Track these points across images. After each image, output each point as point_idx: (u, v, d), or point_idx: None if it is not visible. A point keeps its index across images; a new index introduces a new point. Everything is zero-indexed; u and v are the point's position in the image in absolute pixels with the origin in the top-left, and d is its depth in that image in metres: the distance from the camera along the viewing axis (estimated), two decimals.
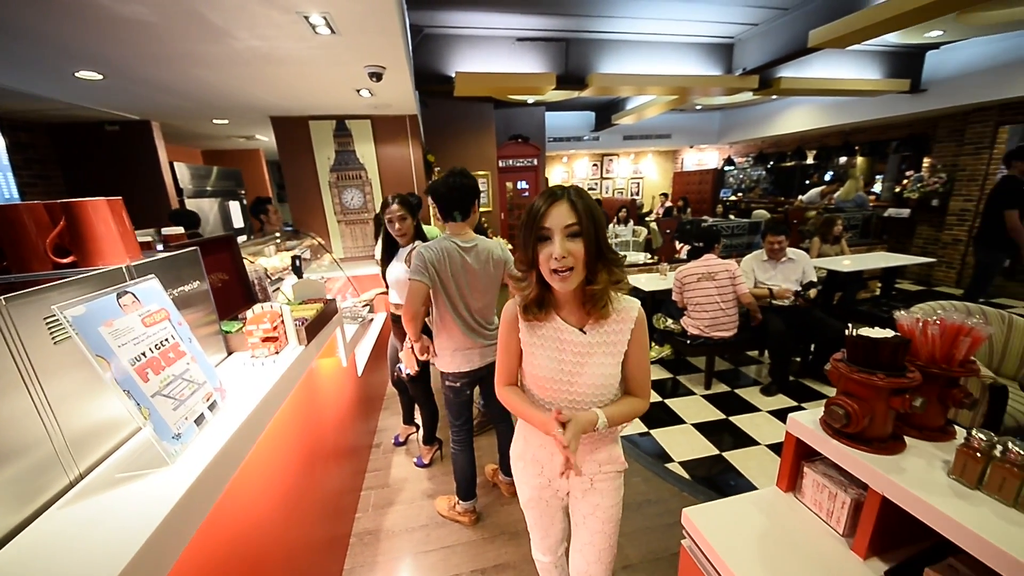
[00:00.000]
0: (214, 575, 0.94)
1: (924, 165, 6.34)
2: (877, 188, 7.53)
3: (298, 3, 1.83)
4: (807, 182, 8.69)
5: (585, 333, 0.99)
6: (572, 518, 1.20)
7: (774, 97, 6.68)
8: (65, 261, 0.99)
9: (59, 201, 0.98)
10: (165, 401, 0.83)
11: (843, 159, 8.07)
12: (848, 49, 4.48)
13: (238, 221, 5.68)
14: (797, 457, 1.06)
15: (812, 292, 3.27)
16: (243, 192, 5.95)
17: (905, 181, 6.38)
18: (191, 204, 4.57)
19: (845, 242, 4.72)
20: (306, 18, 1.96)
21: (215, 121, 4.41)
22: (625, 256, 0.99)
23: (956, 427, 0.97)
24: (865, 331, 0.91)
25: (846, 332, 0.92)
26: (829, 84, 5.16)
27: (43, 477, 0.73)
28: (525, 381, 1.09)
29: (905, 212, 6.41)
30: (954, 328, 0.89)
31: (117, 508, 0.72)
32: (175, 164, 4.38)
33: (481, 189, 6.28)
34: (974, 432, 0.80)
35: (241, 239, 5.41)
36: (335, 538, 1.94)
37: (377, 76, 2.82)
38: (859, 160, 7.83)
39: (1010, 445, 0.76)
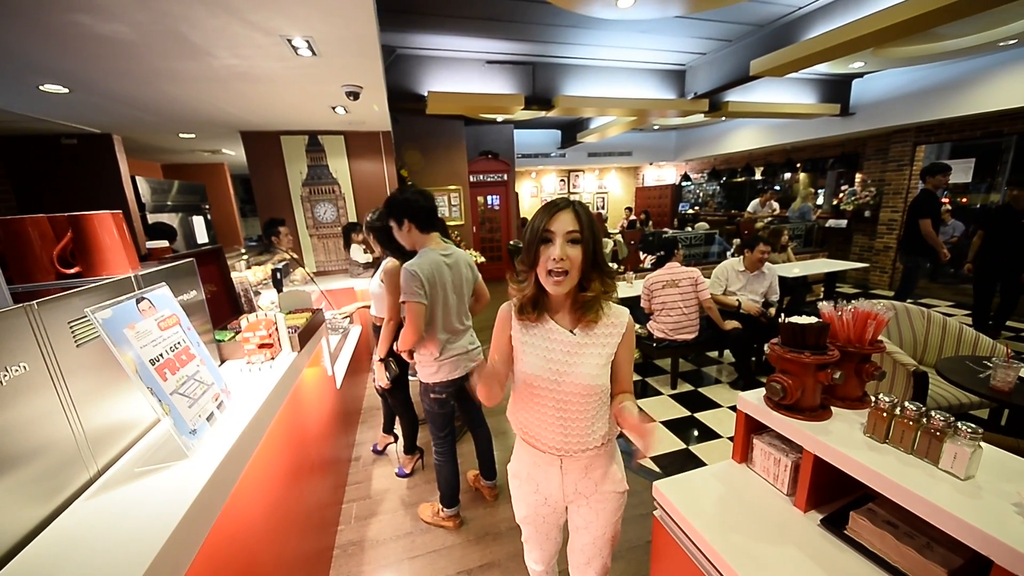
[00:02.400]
0: None
1: (857, 180, 7.03)
2: (820, 201, 8.25)
3: (282, 26, 1.91)
4: (757, 196, 9.39)
5: (575, 335, 1.03)
6: (568, 525, 1.21)
7: (723, 118, 7.24)
8: (70, 272, 1.03)
9: (65, 215, 1.02)
10: (182, 399, 0.89)
11: (787, 175, 8.82)
12: (786, 77, 5.00)
13: (202, 236, 5.50)
14: (747, 432, 1.22)
15: (772, 310, 3.60)
16: (207, 207, 5.78)
17: (841, 195, 7.03)
18: (152, 219, 4.42)
19: (791, 250, 5.18)
20: (289, 40, 2.04)
21: (182, 135, 4.32)
22: (615, 271, 1.07)
23: (872, 397, 1.16)
24: (795, 319, 1.09)
25: (779, 320, 1.10)
26: (770, 108, 5.69)
27: (67, 472, 0.77)
28: (515, 381, 1.11)
29: (843, 223, 7.05)
30: (863, 314, 1.09)
31: (142, 500, 0.77)
32: (136, 178, 4.25)
33: (453, 203, 6.42)
34: (880, 396, 0.99)
35: None
36: (318, 551, 1.92)
37: (354, 95, 2.91)
38: (802, 176, 8.57)
39: (907, 404, 0.95)
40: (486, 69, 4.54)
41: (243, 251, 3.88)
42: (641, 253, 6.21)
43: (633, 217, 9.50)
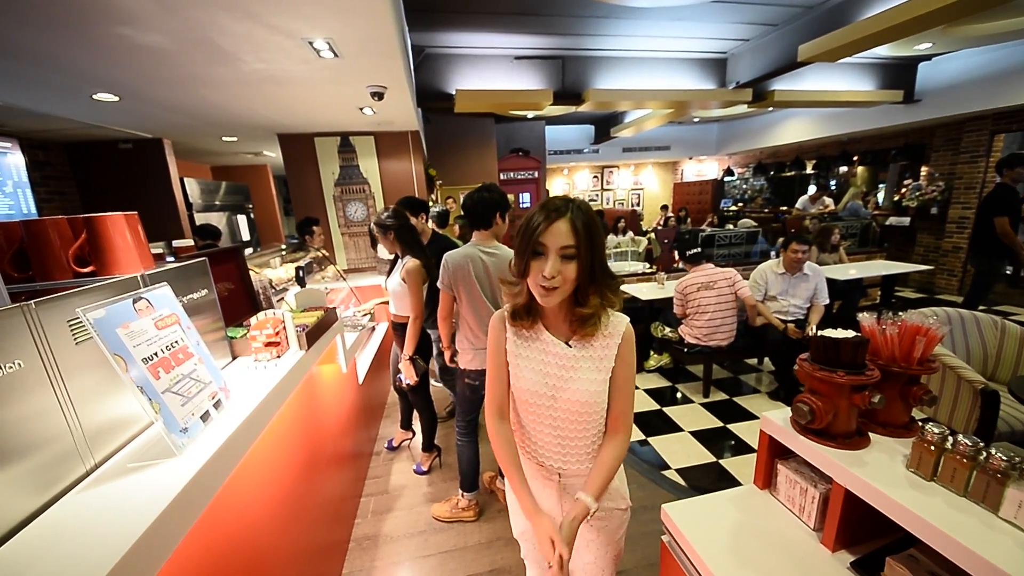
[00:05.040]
0: (215, 572, 1.00)
1: (922, 173, 6.39)
2: (880, 197, 7.58)
3: (302, 30, 1.95)
4: (809, 191, 8.77)
5: (571, 347, 0.97)
6: None
7: (770, 109, 6.80)
8: (85, 270, 1.07)
9: (80, 216, 1.06)
10: (174, 398, 0.90)
11: (843, 168, 8.15)
12: (840, 62, 4.59)
13: (245, 234, 5.82)
14: (771, 455, 1.10)
15: (812, 327, 3.15)
16: (251, 206, 6.11)
17: (904, 189, 6.42)
18: (200, 218, 4.72)
19: (844, 251, 4.77)
20: (310, 43, 2.07)
21: (224, 138, 4.57)
22: (620, 282, 0.98)
23: (920, 424, 1.01)
24: (828, 332, 0.96)
25: (804, 333, 0.97)
26: (823, 96, 5.26)
27: (63, 466, 0.80)
28: (512, 396, 1.06)
29: (905, 220, 6.44)
30: (911, 329, 0.95)
31: (128, 493, 0.78)
32: (185, 179, 4.53)
33: None
34: (928, 426, 0.85)
35: (248, 251, 5.54)
36: (335, 543, 1.98)
37: (379, 95, 2.94)
38: (859, 169, 7.91)
39: (960, 437, 0.81)
40: (514, 65, 4.48)
41: (283, 247, 4.05)
42: (675, 253, 5.94)
43: (670, 214, 9.13)
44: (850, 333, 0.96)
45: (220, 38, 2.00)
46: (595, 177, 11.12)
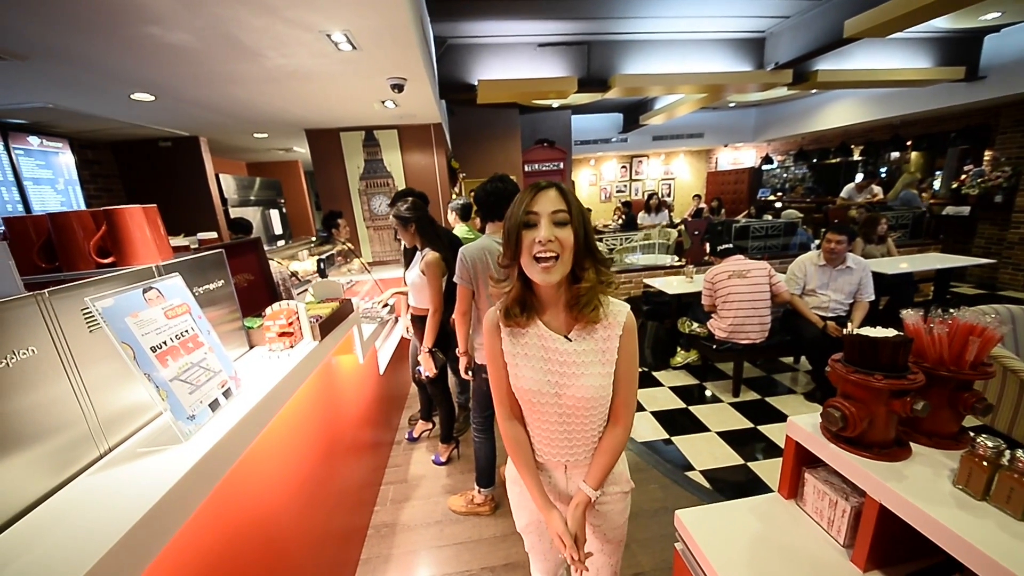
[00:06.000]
0: (237, 552, 1.03)
1: (985, 158, 5.83)
2: (937, 184, 6.98)
3: (320, 22, 1.95)
4: (857, 179, 8.20)
5: (571, 340, 0.92)
6: None
7: (813, 91, 6.37)
8: (106, 261, 1.11)
9: (101, 209, 1.10)
10: (182, 386, 0.92)
11: (894, 154, 7.56)
12: (892, 37, 4.21)
13: (278, 228, 6.03)
14: (798, 462, 1.02)
15: (853, 325, 2.99)
16: (283, 201, 6.32)
17: (963, 176, 5.88)
18: (235, 213, 4.91)
19: (892, 242, 4.42)
20: (328, 36, 2.08)
21: (256, 135, 4.72)
22: (612, 260, 0.93)
23: (972, 435, 0.90)
24: (865, 330, 0.87)
25: (844, 331, 0.88)
26: (873, 75, 4.86)
27: (76, 450, 0.82)
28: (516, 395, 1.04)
29: (964, 210, 5.90)
30: (964, 328, 0.84)
31: (134, 478, 0.80)
32: (220, 176, 4.73)
33: None
34: (981, 438, 0.75)
35: (280, 243, 5.74)
36: (354, 529, 2.03)
37: (399, 87, 2.94)
38: (913, 155, 7.30)
39: (1019, 453, 0.71)
40: (537, 53, 4.38)
41: (312, 240, 4.16)
42: (706, 245, 5.69)
43: (702, 205, 8.76)
44: (890, 332, 0.86)
45: (242, 34, 2.03)
46: (623, 167, 10.82)
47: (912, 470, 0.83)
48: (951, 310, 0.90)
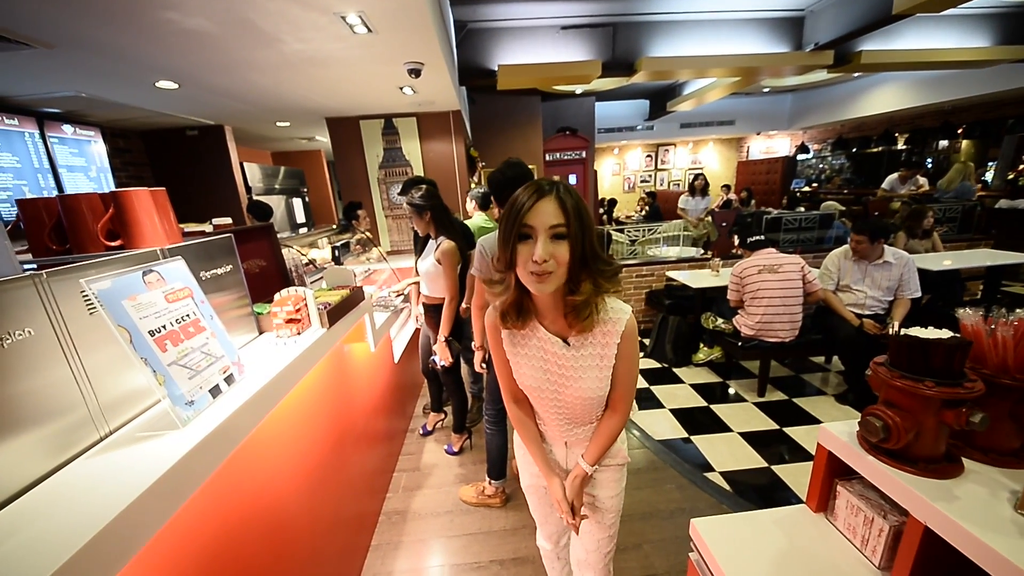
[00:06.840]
0: (249, 536, 1.03)
1: None
2: (988, 176, 6.47)
3: (334, 3, 1.92)
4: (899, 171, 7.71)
5: (569, 345, 0.93)
6: None
7: (855, 75, 5.97)
8: (114, 244, 1.11)
9: (110, 191, 1.10)
10: (181, 371, 0.90)
11: (943, 142, 7.04)
12: (946, 13, 3.87)
13: (300, 216, 6.13)
14: (830, 473, 0.93)
15: (896, 325, 2.69)
16: (306, 190, 6.41)
17: (1021, 166, 5.43)
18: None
19: (938, 237, 4.12)
20: (343, 18, 2.04)
21: (278, 123, 4.77)
22: (619, 268, 0.88)
23: None
24: (914, 330, 0.77)
25: (886, 330, 0.78)
26: (923, 56, 4.49)
27: (76, 433, 0.82)
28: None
29: (1021, 203, 5.46)
30: None
31: (133, 460, 0.80)
32: (245, 164, 4.82)
33: None
34: None
35: (302, 231, 5.83)
36: (366, 514, 2.04)
37: (416, 72, 2.88)
38: (963, 144, 6.79)
39: None
40: (560, 36, 4.24)
41: (332, 228, 4.19)
42: (734, 238, 5.45)
43: (731, 196, 8.41)
44: (944, 333, 0.76)
45: (258, 18, 2.02)
46: (648, 156, 10.51)
47: (965, 490, 0.73)
48: (1017, 310, 0.79)
